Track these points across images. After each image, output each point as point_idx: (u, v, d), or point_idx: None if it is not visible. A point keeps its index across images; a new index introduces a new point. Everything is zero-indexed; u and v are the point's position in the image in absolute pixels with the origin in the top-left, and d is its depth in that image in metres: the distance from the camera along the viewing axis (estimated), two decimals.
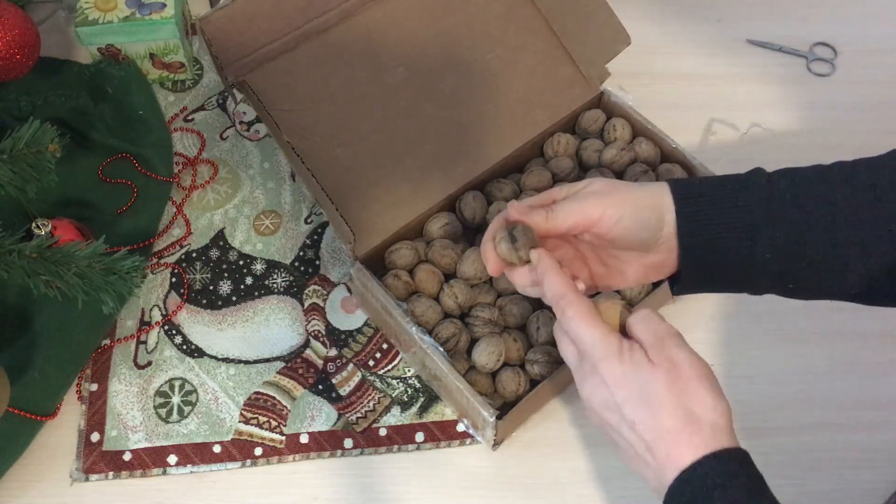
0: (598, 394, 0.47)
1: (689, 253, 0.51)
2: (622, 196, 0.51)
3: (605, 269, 0.56)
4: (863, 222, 0.48)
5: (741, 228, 0.50)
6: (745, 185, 0.51)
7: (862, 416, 0.69)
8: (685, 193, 0.51)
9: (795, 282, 0.51)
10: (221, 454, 0.66)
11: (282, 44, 0.70)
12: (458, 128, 0.74)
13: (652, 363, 0.46)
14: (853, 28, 0.96)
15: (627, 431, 0.46)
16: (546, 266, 0.51)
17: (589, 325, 0.47)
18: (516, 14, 0.78)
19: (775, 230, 0.49)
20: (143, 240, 0.75)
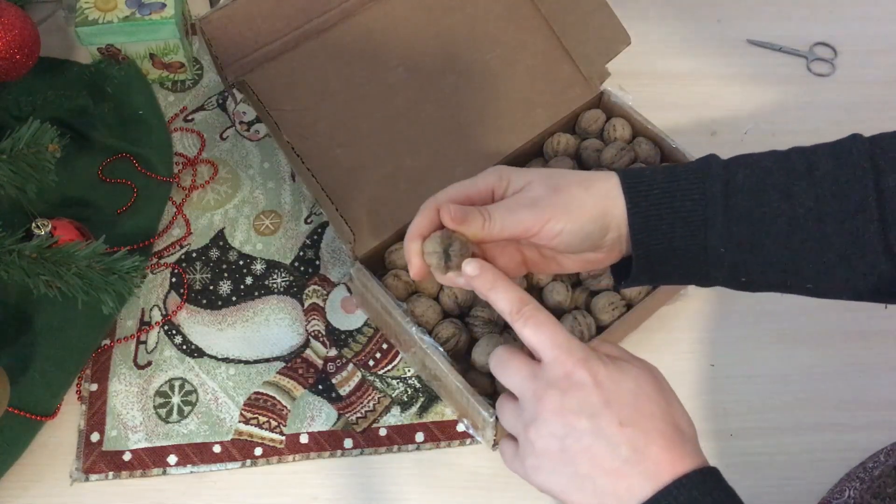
0: (572, 399, 0.43)
1: (640, 250, 0.49)
2: (565, 208, 0.48)
3: (539, 257, 0.53)
4: (823, 216, 0.46)
5: (695, 222, 0.48)
6: (699, 175, 0.48)
7: (862, 416, 0.69)
8: (636, 188, 0.49)
9: (748, 276, 0.49)
10: (221, 454, 0.66)
11: (282, 44, 0.70)
12: (458, 128, 0.74)
13: (637, 367, 0.45)
14: (853, 28, 0.96)
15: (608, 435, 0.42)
16: (491, 278, 0.47)
17: (564, 330, 0.45)
18: (516, 14, 0.78)
19: (731, 224, 0.47)
20: (143, 240, 0.75)
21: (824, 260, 0.47)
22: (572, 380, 0.43)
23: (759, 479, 0.66)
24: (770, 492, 0.65)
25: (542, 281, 0.70)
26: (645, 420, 0.42)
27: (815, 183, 0.47)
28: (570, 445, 0.42)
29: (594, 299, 0.69)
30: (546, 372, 0.44)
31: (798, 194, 0.47)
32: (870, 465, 0.62)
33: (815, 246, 0.47)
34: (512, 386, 0.46)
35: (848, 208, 0.46)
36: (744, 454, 0.67)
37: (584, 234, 0.48)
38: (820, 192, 0.47)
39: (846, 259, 0.47)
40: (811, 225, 0.47)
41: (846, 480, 0.62)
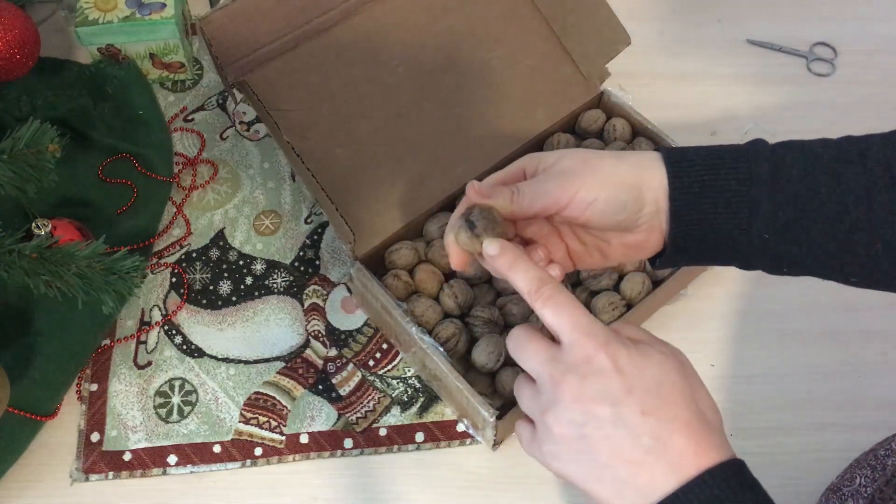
0: (592, 384, 0.41)
1: (679, 228, 0.47)
2: (596, 175, 0.46)
3: (582, 246, 0.51)
4: (874, 206, 0.44)
5: (740, 203, 0.45)
6: (746, 155, 0.46)
7: (862, 416, 0.69)
8: (678, 164, 0.46)
9: (791, 266, 0.47)
10: (221, 454, 0.66)
11: (282, 44, 0.70)
12: (458, 128, 0.74)
13: (661, 353, 0.42)
14: (853, 28, 0.96)
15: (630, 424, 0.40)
16: (511, 257, 0.46)
17: (585, 311, 0.43)
18: (516, 14, 0.78)
19: (778, 208, 0.45)
20: (143, 240, 0.75)
21: (871, 251, 0.45)
22: (593, 365, 0.41)
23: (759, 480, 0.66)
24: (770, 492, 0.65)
25: None
26: (668, 408, 0.41)
27: (867, 170, 0.45)
28: (589, 433, 0.41)
29: (594, 299, 0.69)
30: (565, 355, 0.42)
31: (848, 180, 0.45)
32: (881, 452, 0.61)
33: (863, 236, 0.45)
34: (529, 369, 0.44)
35: None
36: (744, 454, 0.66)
37: (619, 203, 0.46)
38: (871, 179, 0.45)
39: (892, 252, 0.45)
40: (860, 213, 0.45)
41: (856, 467, 0.61)
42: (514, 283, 0.45)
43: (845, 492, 0.61)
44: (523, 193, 0.47)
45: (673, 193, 0.46)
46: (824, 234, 0.45)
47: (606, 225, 0.48)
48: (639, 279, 0.69)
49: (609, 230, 0.49)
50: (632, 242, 0.49)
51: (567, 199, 0.46)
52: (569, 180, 0.46)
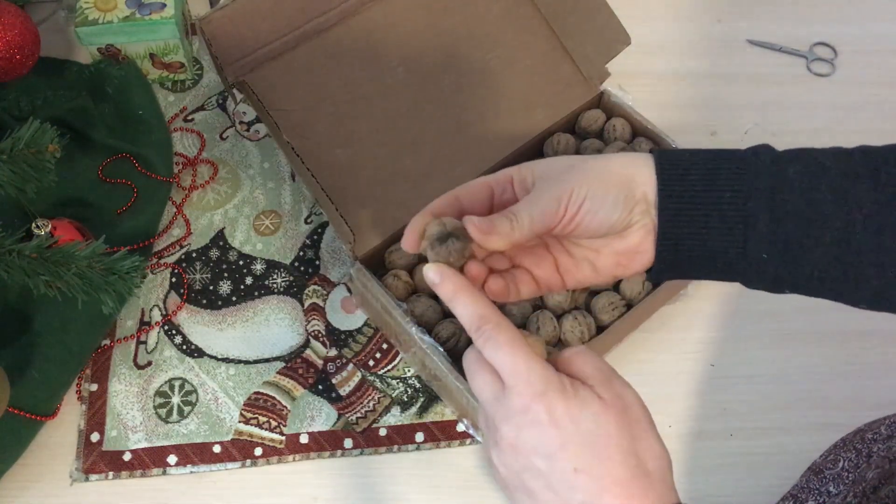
0: (528, 436, 0.40)
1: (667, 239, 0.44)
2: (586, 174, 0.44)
3: (572, 260, 0.48)
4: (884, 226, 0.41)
5: (735, 218, 0.42)
6: (745, 164, 0.43)
7: (862, 416, 0.69)
8: (671, 167, 0.43)
9: (795, 288, 0.44)
10: (221, 454, 0.66)
11: (282, 44, 0.70)
12: (458, 128, 0.74)
13: (602, 400, 0.40)
14: (853, 28, 0.96)
15: (563, 480, 0.39)
16: (452, 288, 0.43)
17: (525, 355, 0.40)
18: (516, 14, 0.78)
19: (777, 226, 0.42)
20: (143, 240, 0.75)
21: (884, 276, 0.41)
22: (528, 415, 0.40)
23: (759, 479, 0.66)
24: (770, 492, 0.65)
25: None
26: (601, 465, 0.39)
27: (879, 187, 0.41)
28: (527, 480, 0.40)
29: (594, 299, 0.69)
30: (506, 399, 0.41)
31: (857, 198, 0.41)
32: (869, 435, 0.60)
33: (871, 259, 0.41)
34: (478, 399, 0.43)
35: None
36: (744, 454, 0.67)
37: (610, 201, 0.43)
38: (883, 198, 0.41)
39: None
40: (869, 234, 0.41)
41: (841, 448, 0.60)
42: (458, 316, 0.43)
43: (827, 475, 0.60)
44: (520, 218, 0.44)
45: (661, 202, 0.43)
46: (829, 255, 0.42)
47: (599, 228, 0.44)
48: (639, 279, 0.69)
49: (602, 235, 0.46)
50: (625, 249, 0.46)
51: (562, 207, 0.44)
52: (560, 184, 0.44)
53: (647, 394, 0.69)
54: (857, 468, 0.59)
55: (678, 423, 0.68)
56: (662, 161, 0.44)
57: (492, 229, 0.44)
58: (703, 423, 0.68)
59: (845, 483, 0.58)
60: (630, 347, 0.72)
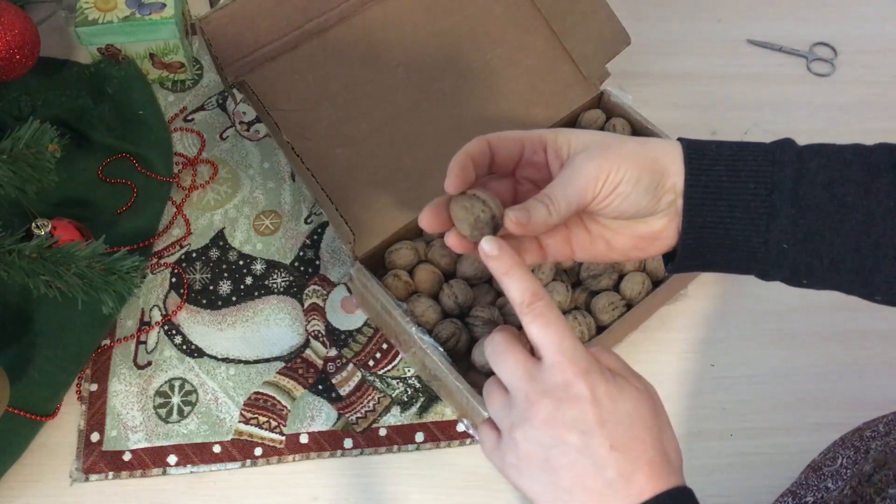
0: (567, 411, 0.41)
1: (692, 228, 0.45)
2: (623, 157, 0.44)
3: (587, 235, 0.48)
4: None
5: (758, 209, 0.43)
6: (770, 157, 0.44)
7: (862, 417, 0.69)
8: (699, 158, 0.44)
9: (811, 278, 0.45)
10: (221, 454, 0.66)
11: (282, 44, 0.70)
12: (458, 128, 0.74)
13: (637, 388, 0.42)
14: (853, 28, 0.96)
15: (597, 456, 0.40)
16: (508, 263, 0.44)
17: (572, 335, 0.42)
18: (516, 14, 0.78)
19: (799, 217, 0.43)
20: (143, 240, 0.75)
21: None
22: (570, 391, 0.41)
23: (759, 479, 0.66)
24: (770, 492, 0.65)
25: (541, 281, 0.70)
26: (636, 446, 0.41)
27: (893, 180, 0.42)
28: (555, 457, 0.41)
29: (594, 299, 0.69)
30: (545, 375, 0.42)
31: (878, 191, 0.42)
32: (867, 433, 0.60)
33: (889, 251, 0.42)
34: (506, 380, 0.43)
35: None
36: (744, 454, 0.67)
37: (643, 186, 0.44)
38: None
39: None
40: (888, 227, 0.42)
41: (840, 446, 0.60)
42: (507, 291, 0.44)
43: (826, 471, 0.60)
44: (558, 204, 0.44)
45: (688, 191, 0.44)
46: (848, 247, 0.43)
47: (628, 211, 0.45)
48: (639, 279, 0.69)
49: (629, 218, 0.46)
50: (645, 233, 0.47)
51: (598, 187, 0.44)
52: (598, 164, 0.44)
53: None
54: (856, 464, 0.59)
55: (678, 423, 0.68)
56: (691, 151, 0.45)
57: (529, 223, 0.44)
58: (703, 423, 0.68)
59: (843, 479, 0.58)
60: (630, 347, 0.72)
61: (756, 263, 0.45)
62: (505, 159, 0.48)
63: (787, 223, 0.43)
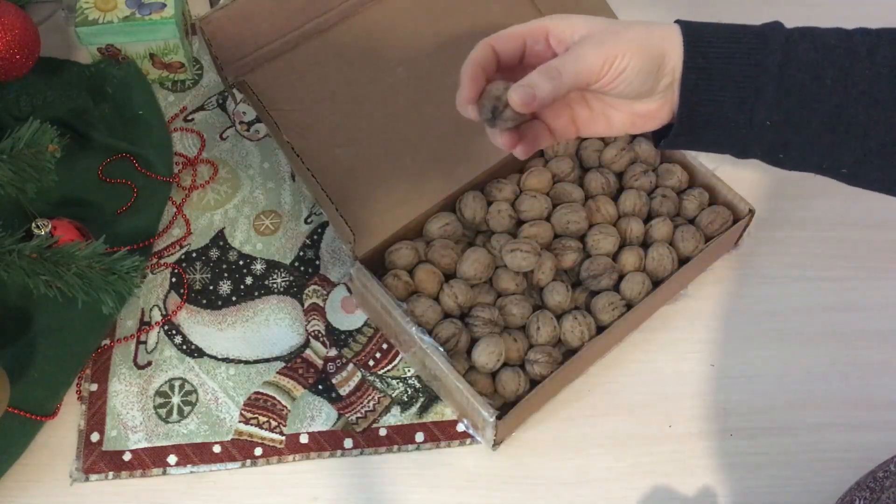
0: None
1: (686, 108, 0.49)
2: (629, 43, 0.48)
3: (588, 112, 0.53)
4: (874, 102, 0.46)
5: (747, 90, 0.48)
6: (761, 41, 0.49)
7: (862, 416, 0.69)
8: (696, 44, 0.48)
9: (787, 152, 0.49)
10: (221, 454, 0.66)
11: (282, 44, 0.70)
12: (458, 128, 0.74)
13: None
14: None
15: None
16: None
17: None
18: (516, 14, 0.78)
19: (782, 97, 0.47)
20: (143, 240, 0.75)
21: (865, 146, 0.47)
22: None
23: (759, 479, 0.66)
24: (770, 492, 0.65)
25: (542, 281, 0.70)
26: None
27: (874, 66, 0.47)
28: None
29: (594, 299, 0.69)
30: None
31: (854, 75, 0.47)
32: (880, 474, 0.61)
33: (859, 130, 0.47)
34: None
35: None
36: (744, 454, 0.67)
37: (645, 72, 0.48)
38: (875, 76, 0.46)
39: (886, 148, 0.47)
40: (860, 109, 0.46)
41: (856, 490, 0.61)
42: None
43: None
44: (565, 75, 0.47)
45: (686, 73, 0.48)
46: (823, 125, 0.47)
47: (629, 93, 0.49)
48: (639, 279, 0.69)
49: (629, 98, 0.50)
50: (642, 111, 0.51)
51: (605, 69, 0.48)
52: (605, 47, 0.48)
53: (648, 394, 0.70)
54: None
55: (678, 423, 0.68)
56: (690, 35, 0.49)
57: (534, 98, 0.47)
58: (703, 423, 0.68)
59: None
60: (630, 347, 0.72)
61: (738, 139, 0.49)
62: (510, 57, 0.52)
63: (771, 103, 0.47)
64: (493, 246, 0.71)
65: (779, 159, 0.50)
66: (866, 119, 0.47)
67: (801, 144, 0.48)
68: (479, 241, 0.73)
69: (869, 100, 0.46)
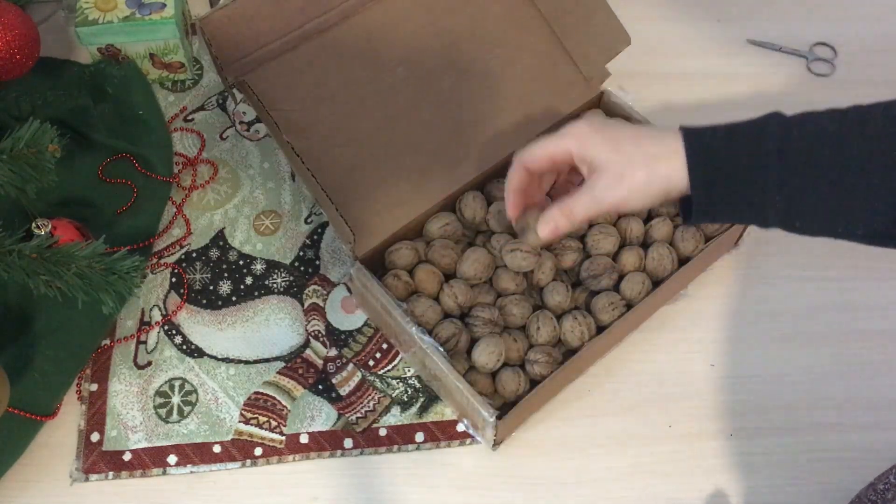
0: None
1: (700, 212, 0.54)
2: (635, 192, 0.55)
3: None
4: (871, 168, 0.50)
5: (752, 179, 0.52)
6: (759, 135, 0.53)
7: (862, 416, 0.69)
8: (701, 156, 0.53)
9: (802, 219, 0.53)
10: (221, 454, 0.66)
11: (282, 44, 0.70)
12: (458, 128, 0.74)
13: None
14: (853, 28, 0.96)
15: None
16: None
17: None
18: (516, 14, 0.78)
19: (785, 178, 0.51)
20: (143, 240, 0.75)
21: (873, 207, 0.50)
22: None
23: (759, 479, 0.66)
24: (770, 492, 0.65)
25: (542, 281, 0.70)
26: None
27: (866, 137, 0.50)
28: None
29: (594, 299, 0.69)
30: None
31: (849, 145, 0.51)
32: (880, 486, 0.61)
33: (863, 193, 0.50)
34: None
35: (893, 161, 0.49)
36: (744, 454, 0.67)
37: (653, 201, 0.56)
38: (868, 145, 0.50)
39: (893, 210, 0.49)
40: (859, 173, 0.50)
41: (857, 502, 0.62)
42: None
43: None
44: (579, 215, 0.58)
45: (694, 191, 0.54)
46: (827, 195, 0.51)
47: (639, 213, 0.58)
48: (639, 279, 0.69)
49: None
50: None
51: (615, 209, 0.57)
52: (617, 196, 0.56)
53: (647, 394, 0.70)
54: None
55: (678, 423, 0.68)
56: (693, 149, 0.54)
57: (556, 233, 0.59)
58: (703, 423, 0.68)
59: None
60: (630, 347, 0.72)
61: (755, 213, 0.54)
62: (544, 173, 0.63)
63: (776, 183, 0.52)
64: (493, 246, 0.71)
65: (796, 227, 0.53)
66: (866, 182, 0.50)
67: (813, 209, 0.52)
68: (479, 241, 0.73)
69: (865, 165, 0.50)
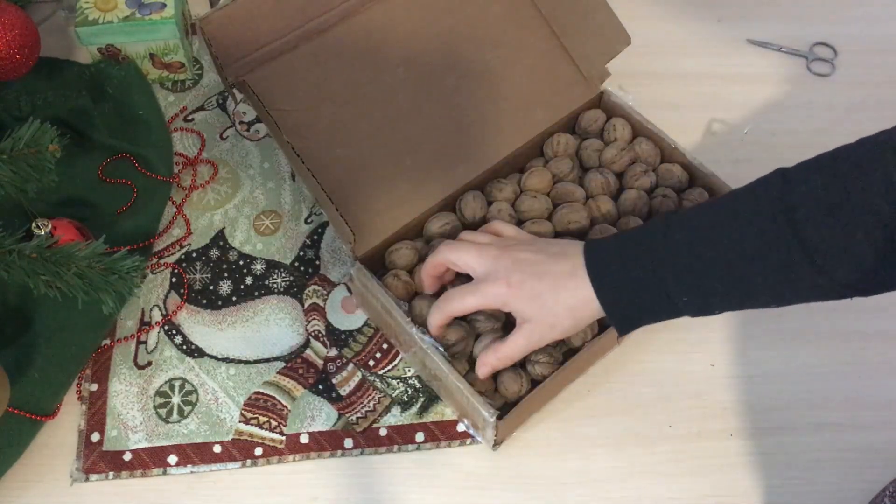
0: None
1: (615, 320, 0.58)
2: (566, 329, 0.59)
3: None
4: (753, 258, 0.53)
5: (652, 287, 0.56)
6: (647, 242, 0.57)
7: (862, 416, 0.69)
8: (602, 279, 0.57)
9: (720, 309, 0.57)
10: (221, 454, 0.66)
11: (282, 44, 0.70)
12: (458, 128, 0.74)
13: None
14: (853, 28, 0.96)
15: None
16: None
17: None
18: (516, 14, 0.78)
19: (680, 278, 0.55)
20: (143, 240, 0.75)
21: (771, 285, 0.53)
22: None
23: (758, 479, 0.66)
24: (769, 492, 0.65)
25: None
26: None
27: (740, 228, 0.53)
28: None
29: None
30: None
31: (727, 240, 0.54)
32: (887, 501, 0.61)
33: (756, 279, 0.53)
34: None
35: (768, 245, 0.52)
36: (744, 454, 0.67)
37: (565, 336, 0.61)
38: (743, 236, 0.53)
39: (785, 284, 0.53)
40: (745, 264, 0.53)
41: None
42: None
43: None
44: (512, 359, 0.62)
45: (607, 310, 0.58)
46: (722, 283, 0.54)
47: None
48: None
49: None
50: None
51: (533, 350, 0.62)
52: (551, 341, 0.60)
53: (647, 394, 0.70)
54: None
55: (678, 423, 0.68)
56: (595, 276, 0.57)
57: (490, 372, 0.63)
58: (703, 423, 0.68)
59: None
60: (630, 347, 0.72)
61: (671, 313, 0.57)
62: None
63: (675, 285, 0.55)
64: None
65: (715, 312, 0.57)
66: (751, 271, 0.53)
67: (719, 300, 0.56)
68: None
69: (746, 256, 0.53)
